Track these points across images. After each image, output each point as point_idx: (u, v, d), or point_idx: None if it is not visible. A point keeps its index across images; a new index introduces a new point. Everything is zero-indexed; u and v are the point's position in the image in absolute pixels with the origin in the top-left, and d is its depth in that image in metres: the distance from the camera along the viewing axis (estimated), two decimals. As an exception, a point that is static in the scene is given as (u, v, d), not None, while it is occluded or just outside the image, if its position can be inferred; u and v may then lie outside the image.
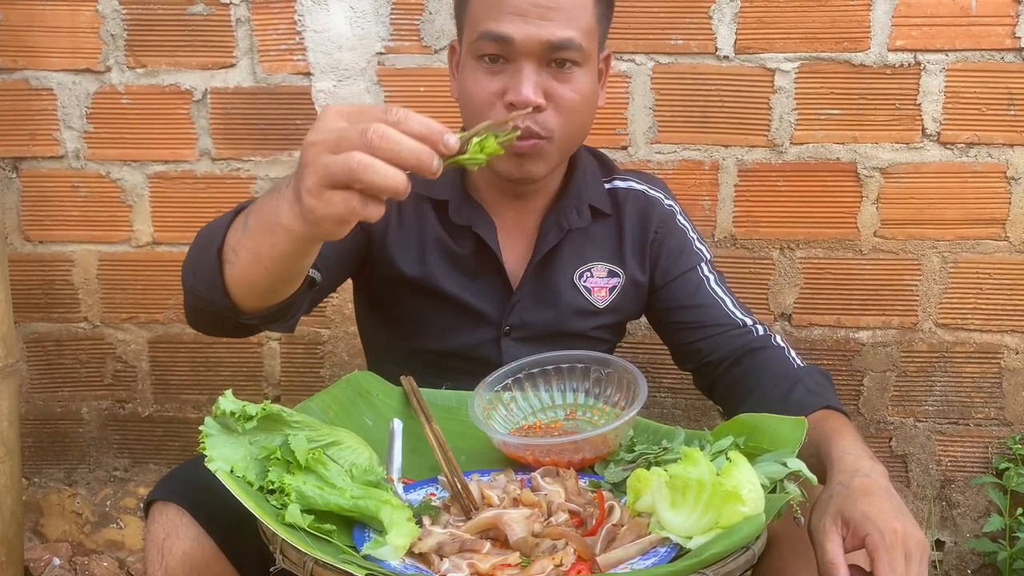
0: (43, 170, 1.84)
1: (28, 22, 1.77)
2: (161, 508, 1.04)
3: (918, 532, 0.90)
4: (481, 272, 1.30)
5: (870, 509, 0.91)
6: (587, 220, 1.32)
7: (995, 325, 1.78)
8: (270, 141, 1.80)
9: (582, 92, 1.18)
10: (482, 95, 1.17)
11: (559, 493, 0.99)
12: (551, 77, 1.16)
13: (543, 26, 1.13)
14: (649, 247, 1.35)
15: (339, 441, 1.00)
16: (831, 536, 0.92)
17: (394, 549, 0.87)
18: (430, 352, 1.33)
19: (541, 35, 1.13)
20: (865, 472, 0.96)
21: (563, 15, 1.14)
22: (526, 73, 1.14)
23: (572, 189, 1.31)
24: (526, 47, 1.13)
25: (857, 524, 0.90)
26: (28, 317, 1.90)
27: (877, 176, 1.73)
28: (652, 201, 1.36)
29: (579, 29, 1.15)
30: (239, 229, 0.92)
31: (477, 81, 1.17)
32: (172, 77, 1.78)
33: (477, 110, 1.18)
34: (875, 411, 1.83)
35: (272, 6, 1.74)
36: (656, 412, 1.85)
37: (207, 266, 0.95)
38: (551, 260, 1.31)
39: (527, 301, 1.32)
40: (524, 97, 1.14)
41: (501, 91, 1.16)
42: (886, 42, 1.68)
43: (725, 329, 1.30)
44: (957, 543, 1.87)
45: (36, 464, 1.97)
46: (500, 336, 1.32)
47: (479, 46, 1.16)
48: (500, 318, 1.31)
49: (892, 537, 0.88)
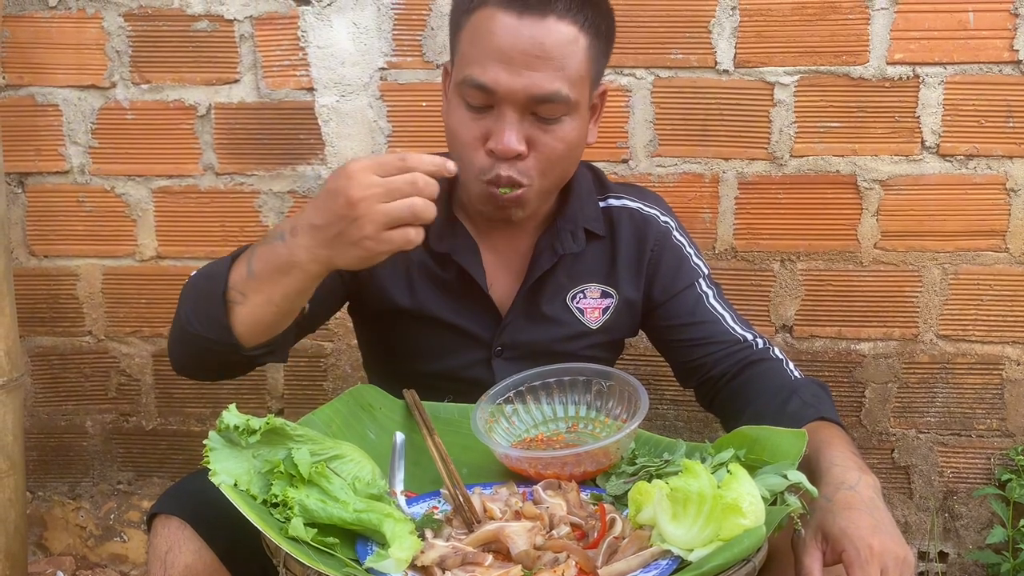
0: (48, 185, 1.85)
1: (34, 39, 1.79)
2: (163, 521, 1.05)
3: (898, 548, 0.90)
4: (467, 296, 1.29)
5: (848, 525, 0.91)
6: (582, 244, 1.29)
7: (996, 336, 1.78)
8: (274, 156, 1.81)
9: (567, 140, 1.16)
10: (465, 137, 1.16)
11: (561, 506, 0.99)
12: (535, 125, 1.14)
13: (529, 76, 1.10)
14: (645, 267, 1.33)
15: (342, 454, 1.01)
16: (810, 551, 0.93)
17: (396, 562, 0.88)
18: (423, 374, 1.31)
19: (526, 87, 1.10)
20: (850, 485, 0.96)
21: (551, 65, 1.11)
22: (508, 121, 1.12)
23: (568, 212, 1.29)
24: (509, 97, 1.11)
25: (835, 540, 0.92)
26: (33, 331, 1.91)
27: (877, 188, 1.74)
28: (647, 219, 1.34)
29: (567, 80, 1.12)
30: (242, 275, 1.04)
31: (461, 122, 1.16)
32: (176, 93, 1.80)
33: (460, 151, 1.17)
34: (877, 423, 1.83)
35: (275, 22, 1.75)
36: (658, 424, 1.85)
37: (213, 308, 1.05)
38: (544, 282, 1.30)
39: (519, 322, 1.30)
40: (505, 146, 1.12)
41: (484, 136, 1.14)
42: (885, 55, 1.69)
43: (726, 346, 1.30)
44: (960, 555, 1.87)
45: (40, 478, 1.98)
46: (491, 357, 1.31)
47: (463, 90, 1.14)
48: (491, 339, 1.31)
49: (867, 554, 0.89)
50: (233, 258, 1.07)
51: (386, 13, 1.73)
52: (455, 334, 1.31)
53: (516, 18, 1.10)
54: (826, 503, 0.95)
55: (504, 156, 1.13)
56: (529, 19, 1.10)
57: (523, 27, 1.10)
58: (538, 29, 1.10)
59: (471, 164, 1.16)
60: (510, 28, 1.10)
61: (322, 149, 1.79)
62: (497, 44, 1.10)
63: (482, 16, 1.12)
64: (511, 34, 1.10)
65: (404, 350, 1.34)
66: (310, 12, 1.74)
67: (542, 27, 1.10)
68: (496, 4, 1.11)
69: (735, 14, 1.69)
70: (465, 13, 1.15)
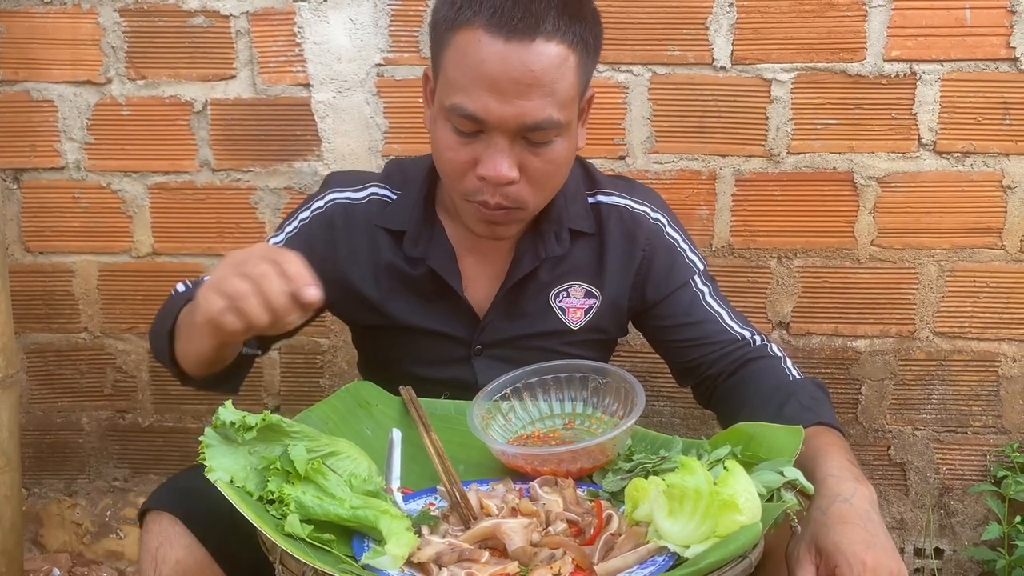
0: (44, 181, 1.85)
1: (29, 34, 1.78)
2: (155, 517, 1.05)
3: (892, 563, 0.90)
4: (443, 297, 1.28)
5: (842, 539, 0.91)
6: (566, 247, 1.27)
7: (992, 333, 1.79)
8: (270, 152, 1.80)
9: (557, 161, 1.14)
10: (454, 162, 1.13)
11: (557, 502, 0.99)
12: (526, 149, 1.11)
13: (520, 105, 1.06)
14: (636, 268, 1.30)
15: (338, 451, 1.01)
16: (804, 565, 0.93)
17: (393, 559, 0.88)
18: (405, 376, 1.30)
19: (517, 116, 1.07)
20: (845, 497, 0.96)
21: (541, 91, 1.07)
22: (499, 148, 1.09)
23: (552, 213, 1.25)
24: (500, 126, 1.08)
25: (829, 554, 0.92)
26: (28, 328, 1.90)
27: (874, 185, 1.74)
28: (636, 218, 1.30)
29: (557, 104, 1.09)
30: (187, 312, 1.08)
31: (449, 146, 1.12)
32: (172, 89, 1.79)
33: (448, 175, 1.16)
34: (873, 419, 1.84)
35: (272, 18, 1.75)
36: (654, 421, 1.85)
37: (161, 339, 1.14)
38: (525, 282, 1.28)
39: (498, 322, 1.29)
40: (497, 173, 1.09)
41: (473, 161, 1.11)
42: (882, 52, 1.69)
43: (722, 345, 1.28)
44: (956, 551, 1.87)
45: (36, 475, 1.98)
46: (471, 356, 1.30)
47: (451, 116, 1.10)
48: (470, 339, 1.30)
49: (861, 569, 0.89)
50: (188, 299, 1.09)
51: (383, 9, 1.73)
52: (431, 338, 1.30)
53: (503, 43, 1.04)
54: (821, 516, 0.95)
55: (496, 184, 1.11)
56: (517, 44, 1.05)
57: (511, 53, 1.05)
58: (527, 54, 1.05)
59: (459, 186, 1.15)
60: (497, 55, 1.05)
61: (318, 145, 1.79)
62: (485, 72, 1.06)
63: (467, 38, 1.07)
64: (499, 61, 1.05)
65: (384, 354, 1.35)
66: (306, 8, 1.74)
67: (530, 52, 1.05)
68: (481, 26, 1.05)
69: (732, 11, 1.69)
70: (448, 31, 1.10)
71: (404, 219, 1.27)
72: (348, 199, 1.30)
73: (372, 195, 1.30)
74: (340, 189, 1.30)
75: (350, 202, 1.29)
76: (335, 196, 1.30)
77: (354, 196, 1.30)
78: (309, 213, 1.30)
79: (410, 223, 1.27)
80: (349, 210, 1.29)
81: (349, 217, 1.29)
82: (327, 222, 1.29)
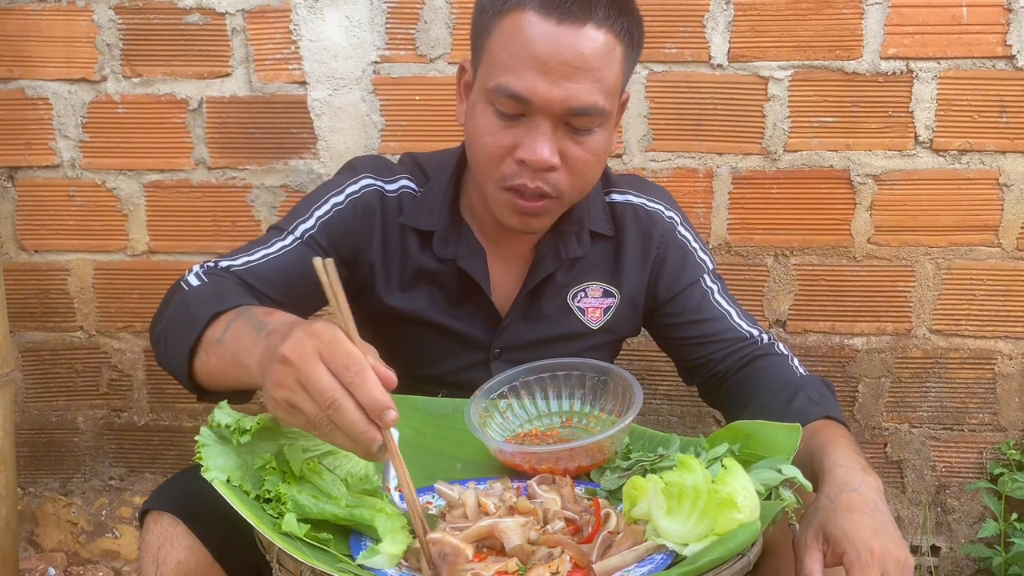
0: (39, 179, 1.84)
1: (24, 32, 1.77)
2: (156, 517, 1.04)
3: (899, 551, 0.91)
4: (468, 299, 1.27)
5: (850, 527, 0.91)
6: (586, 248, 1.27)
7: (988, 331, 1.79)
8: (266, 150, 1.80)
9: (597, 152, 1.13)
10: (493, 147, 1.11)
11: (555, 501, 0.99)
12: (567, 136, 1.10)
13: (567, 88, 1.06)
14: (651, 265, 1.31)
15: (335, 450, 1.00)
16: (811, 552, 0.93)
17: (389, 558, 0.88)
18: (419, 377, 1.30)
19: (564, 99, 1.06)
20: (853, 486, 0.96)
21: (589, 76, 1.07)
22: (542, 131, 1.08)
23: (574, 215, 1.25)
24: (545, 108, 1.07)
25: (836, 541, 0.92)
26: (24, 326, 1.89)
27: (870, 183, 1.74)
28: (652, 216, 1.31)
29: (603, 91, 1.09)
30: (215, 339, 0.99)
31: (489, 130, 1.11)
32: (168, 86, 1.79)
33: (485, 160, 1.13)
34: (870, 417, 1.84)
35: (268, 16, 1.74)
36: (652, 419, 1.85)
37: (179, 352, 1.03)
38: (543, 283, 1.28)
39: (518, 324, 1.29)
40: (539, 158, 1.08)
41: (513, 145, 1.10)
42: (878, 50, 1.69)
43: (731, 343, 1.29)
44: (952, 549, 1.88)
45: (31, 474, 1.97)
46: (490, 359, 1.30)
47: (495, 98, 1.09)
48: (489, 342, 1.30)
49: (868, 556, 0.89)
50: (216, 312, 1.02)
51: (379, 7, 1.73)
52: (452, 339, 1.29)
53: (555, 25, 1.05)
54: (829, 504, 0.95)
55: (536, 168, 1.10)
56: (568, 26, 1.05)
57: (562, 35, 1.05)
58: (577, 38, 1.05)
59: (495, 171, 1.13)
60: (549, 35, 1.05)
61: (314, 143, 1.79)
62: (535, 52, 1.05)
63: (516, 20, 1.07)
64: (550, 42, 1.05)
65: (400, 353, 1.33)
66: (302, 5, 1.73)
67: (581, 35, 1.05)
68: (533, 9, 1.06)
69: (729, 8, 1.69)
70: (496, 15, 1.10)
71: (432, 218, 1.25)
72: (383, 188, 1.27)
73: (403, 188, 1.28)
74: (373, 176, 1.27)
75: (385, 193, 1.27)
76: (370, 182, 1.27)
77: (387, 187, 1.27)
78: (343, 198, 1.25)
79: (439, 223, 1.25)
80: (384, 201, 1.26)
81: (385, 207, 1.26)
82: (366, 208, 1.26)
